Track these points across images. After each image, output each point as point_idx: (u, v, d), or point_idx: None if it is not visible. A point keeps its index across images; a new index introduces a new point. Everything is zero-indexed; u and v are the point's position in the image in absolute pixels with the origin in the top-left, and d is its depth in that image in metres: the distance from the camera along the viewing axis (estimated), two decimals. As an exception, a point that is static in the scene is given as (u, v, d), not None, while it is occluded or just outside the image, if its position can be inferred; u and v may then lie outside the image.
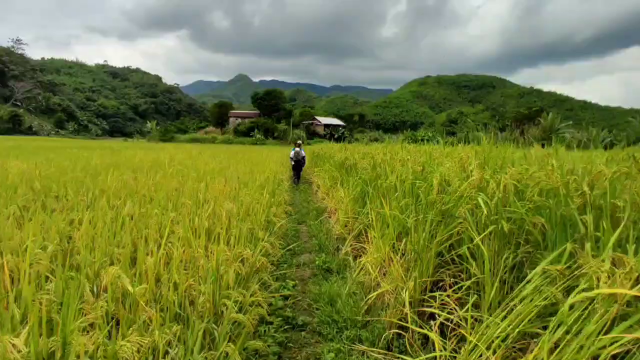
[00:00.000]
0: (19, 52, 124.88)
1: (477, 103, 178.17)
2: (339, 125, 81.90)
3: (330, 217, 8.05)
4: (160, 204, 4.95)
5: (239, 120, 77.20)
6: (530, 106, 69.38)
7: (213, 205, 5.19)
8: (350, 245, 5.19)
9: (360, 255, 5.06)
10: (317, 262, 4.93)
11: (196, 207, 5.00)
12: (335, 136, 66.38)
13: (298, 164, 13.83)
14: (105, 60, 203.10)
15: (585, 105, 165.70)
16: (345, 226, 6.05)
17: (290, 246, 5.50)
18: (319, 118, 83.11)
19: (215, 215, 4.55)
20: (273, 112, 77.46)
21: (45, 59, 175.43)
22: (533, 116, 65.75)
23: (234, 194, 6.30)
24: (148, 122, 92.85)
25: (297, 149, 13.66)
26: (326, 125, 79.01)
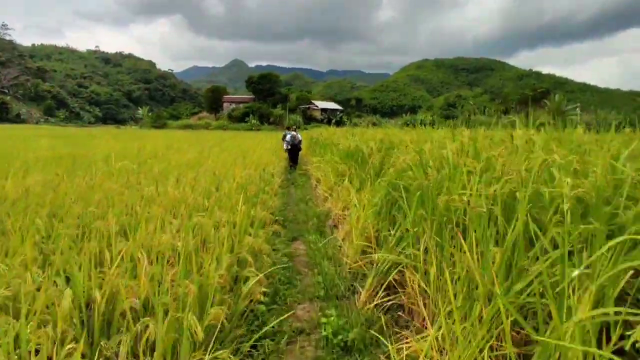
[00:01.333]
0: (6, 38, 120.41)
1: (475, 86, 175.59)
2: (336, 110, 79.30)
3: (336, 226, 6.00)
4: (48, 233, 2.88)
5: (234, 105, 74.41)
6: (535, 87, 66.87)
7: (149, 230, 3.12)
8: (377, 296, 3.15)
9: (397, 319, 3.02)
10: (324, 332, 2.88)
11: (115, 239, 2.93)
12: (333, 120, 63.94)
13: (294, 149, 12.81)
14: (96, 46, 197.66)
15: (584, 88, 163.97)
16: (364, 254, 4.00)
17: (282, 294, 3.46)
18: (316, 102, 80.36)
19: (138, 262, 2.48)
20: (268, 97, 74.64)
21: (36, 45, 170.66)
22: (538, 98, 63.39)
23: (195, 206, 4.23)
24: (139, 108, 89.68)
25: (293, 133, 12.75)
26: (323, 110, 76.35)
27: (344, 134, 9.26)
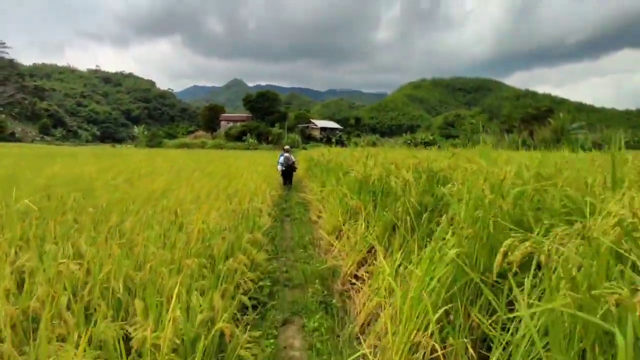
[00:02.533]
0: (5, 56, 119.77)
1: (473, 105, 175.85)
2: (335, 129, 78.13)
3: (349, 294, 4.04)
4: None
5: (231, 124, 73.09)
6: (539, 106, 65.97)
7: None
8: None
9: None
10: None
11: None
12: (333, 140, 62.49)
13: (289, 170, 12.81)
14: (97, 66, 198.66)
15: (580, 107, 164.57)
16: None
17: None
18: (315, 121, 79.23)
19: None
20: (267, 115, 73.44)
21: (37, 64, 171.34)
22: (541, 116, 62.17)
23: (101, 294, 2.30)
24: (135, 127, 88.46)
25: (287, 154, 12.65)
26: (322, 129, 75.12)
27: (356, 157, 7.22)
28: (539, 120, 61.22)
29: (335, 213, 5.67)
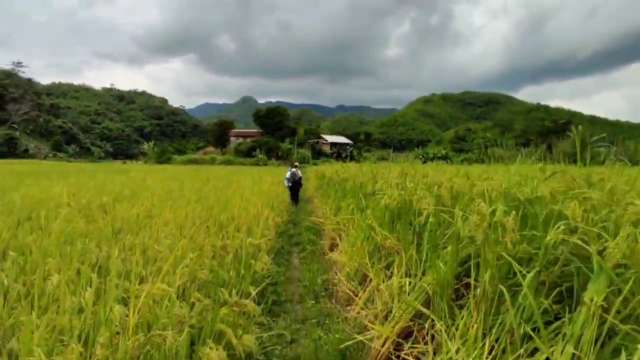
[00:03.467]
0: (21, 75, 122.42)
1: (483, 120, 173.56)
2: (346, 144, 76.95)
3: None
4: None
5: (240, 139, 72.53)
6: (556, 119, 64.17)
7: None
8: None
9: None
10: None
11: None
12: (344, 155, 61.20)
13: (295, 186, 13.00)
14: (112, 84, 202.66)
15: (594, 120, 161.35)
16: None
17: None
18: (325, 136, 78.28)
19: None
20: (277, 131, 72.79)
21: (55, 83, 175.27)
22: (559, 130, 60.23)
23: None
24: (145, 143, 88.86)
25: (294, 169, 12.93)
26: (333, 144, 74.04)
27: (383, 176, 5.62)
28: (556, 134, 59.29)
29: (359, 252, 4.21)
